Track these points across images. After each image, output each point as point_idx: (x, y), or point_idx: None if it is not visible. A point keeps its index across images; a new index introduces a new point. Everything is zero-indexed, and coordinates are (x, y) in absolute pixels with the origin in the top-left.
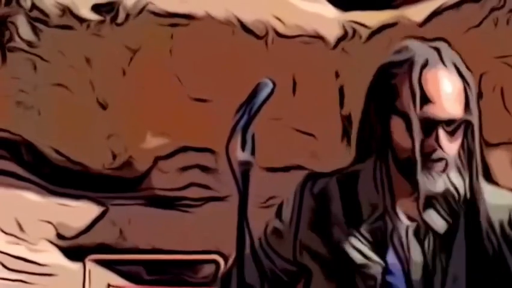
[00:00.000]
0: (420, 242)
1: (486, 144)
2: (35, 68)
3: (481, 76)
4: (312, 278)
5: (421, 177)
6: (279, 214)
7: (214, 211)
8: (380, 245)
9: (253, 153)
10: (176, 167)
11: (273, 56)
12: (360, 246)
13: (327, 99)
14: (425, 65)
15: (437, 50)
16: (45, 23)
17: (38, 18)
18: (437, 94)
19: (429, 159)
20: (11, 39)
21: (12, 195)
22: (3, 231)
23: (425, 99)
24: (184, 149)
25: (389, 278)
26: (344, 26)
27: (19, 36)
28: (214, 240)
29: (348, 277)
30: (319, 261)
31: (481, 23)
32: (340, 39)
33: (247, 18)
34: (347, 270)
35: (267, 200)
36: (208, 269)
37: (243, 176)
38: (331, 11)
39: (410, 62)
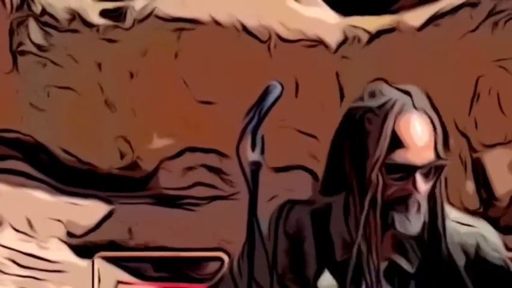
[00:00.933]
0: (392, 282)
1: (483, 145)
2: (45, 71)
3: (477, 79)
4: None
5: (398, 218)
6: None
7: (219, 210)
8: (353, 283)
9: (262, 153)
10: (182, 167)
11: (276, 59)
12: (331, 285)
13: (328, 102)
14: (400, 112)
15: (409, 94)
16: (56, 28)
17: (49, 23)
18: (412, 140)
19: (405, 202)
20: (22, 43)
21: (23, 194)
22: (14, 229)
23: (401, 145)
24: (190, 150)
25: None
26: (344, 31)
27: (30, 40)
28: (219, 238)
29: None
30: None
31: (477, 27)
32: (341, 44)
33: (251, 23)
34: None
35: (271, 199)
36: (213, 266)
37: (252, 175)
38: (332, 16)
39: (386, 109)
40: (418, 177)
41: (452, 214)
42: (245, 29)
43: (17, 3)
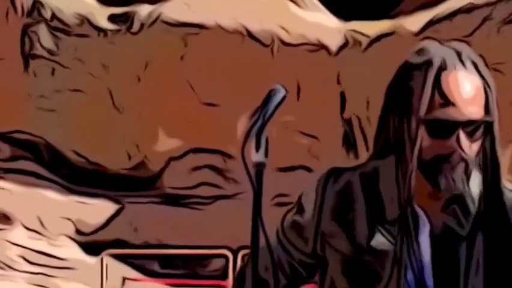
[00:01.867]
0: (440, 243)
1: None
2: (55, 74)
3: None
4: (328, 270)
5: (443, 178)
6: (299, 208)
7: (224, 208)
8: (402, 243)
9: (266, 155)
10: (187, 167)
11: (279, 63)
12: (383, 244)
13: (329, 104)
14: (443, 67)
15: (456, 51)
16: (65, 32)
17: (58, 28)
18: (456, 96)
19: (450, 161)
20: (32, 47)
21: (34, 194)
22: (25, 227)
23: (445, 102)
24: (195, 151)
25: (408, 276)
26: (345, 35)
27: (40, 45)
28: (223, 235)
29: (365, 275)
30: (340, 256)
31: (473, 32)
32: (341, 48)
33: (255, 27)
34: (366, 268)
35: (274, 198)
36: (218, 263)
37: (256, 175)
38: (333, 21)
39: (427, 65)
40: (462, 134)
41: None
42: (249, 33)
43: (27, 8)
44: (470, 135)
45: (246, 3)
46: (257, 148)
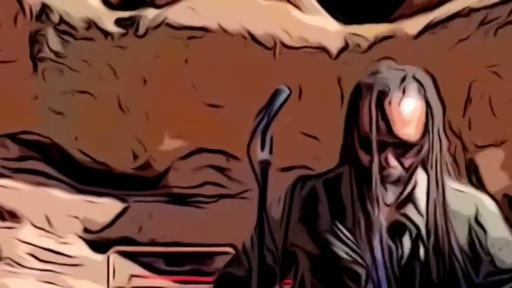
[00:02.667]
0: (398, 239)
1: (475, 146)
2: (62, 76)
3: (470, 84)
4: (299, 268)
5: (378, 189)
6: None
7: (227, 207)
8: (363, 242)
9: (271, 152)
10: (192, 167)
11: (281, 65)
12: (345, 245)
13: (330, 105)
14: (383, 91)
15: (403, 76)
16: (73, 36)
17: (66, 31)
18: (391, 118)
19: (382, 174)
20: (41, 50)
21: (42, 193)
22: (34, 226)
23: (381, 122)
24: (199, 151)
25: (373, 273)
26: (345, 38)
27: (48, 48)
28: (227, 233)
29: (334, 274)
30: (307, 255)
31: (470, 35)
32: (341, 50)
33: (257, 31)
34: (334, 267)
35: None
36: (222, 260)
37: (262, 173)
38: (333, 25)
39: (372, 87)
40: (389, 154)
41: (451, 184)
42: (251, 36)
43: (36, 12)
44: (403, 153)
45: (248, 7)
46: (262, 146)
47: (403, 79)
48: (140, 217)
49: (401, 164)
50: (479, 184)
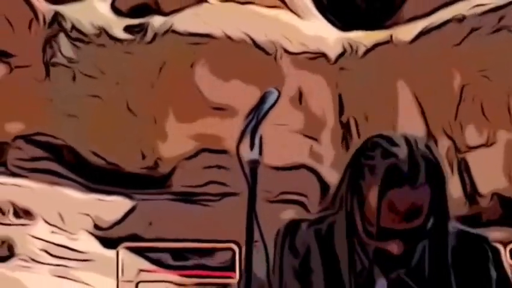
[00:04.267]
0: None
1: (467, 147)
2: (74, 81)
3: (462, 87)
4: None
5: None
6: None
7: (231, 205)
8: None
9: (260, 153)
10: (197, 167)
11: (282, 69)
12: None
13: (329, 107)
14: (392, 186)
15: (411, 156)
16: (84, 42)
17: (78, 38)
18: (396, 210)
19: (382, 257)
20: (53, 55)
21: (55, 192)
22: (47, 223)
23: (387, 212)
24: (204, 151)
25: None
26: (343, 44)
27: (61, 53)
28: (230, 230)
29: None
30: None
31: (462, 40)
32: (340, 56)
33: (259, 37)
34: None
35: (278, 195)
36: (225, 256)
37: (251, 172)
38: (332, 32)
39: (380, 178)
40: (396, 242)
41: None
42: (254, 42)
43: (49, 20)
44: (407, 240)
45: (251, 15)
46: (252, 146)
47: (412, 161)
48: (148, 214)
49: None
50: (471, 183)
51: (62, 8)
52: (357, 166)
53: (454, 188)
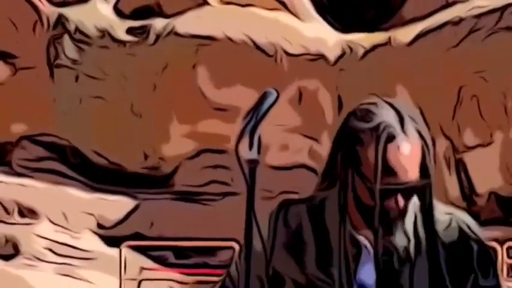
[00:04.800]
0: (383, 267)
1: (465, 147)
2: (78, 82)
3: (460, 88)
4: None
5: (380, 229)
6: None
7: (231, 204)
8: (349, 267)
9: (259, 152)
10: (198, 167)
11: (282, 71)
12: (330, 272)
13: (328, 108)
14: (389, 140)
15: (399, 114)
16: (87, 44)
17: (81, 40)
18: (398, 166)
19: (387, 216)
20: (57, 57)
21: (59, 191)
22: (51, 222)
23: (387, 171)
24: (206, 151)
25: None
26: (342, 46)
27: (65, 55)
28: (231, 229)
29: None
30: (293, 284)
31: (460, 42)
32: (339, 57)
33: (260, 39)
34: None
35: (278, 194)
36: (226, 254)
37: (250, 172)
38: (331, 34)
39: (375, 135)
40: (399, 197)
41: (437, 207)
42: (255, 44)
43: (53, 22)
44: (408, 194)
45: (252, 17)
46: (250, 146)
47: (402, 121)
48: (150, 214)
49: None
50: (468, 183)
51: (65, 11)
52: (348, 133)
53: (452, 187)
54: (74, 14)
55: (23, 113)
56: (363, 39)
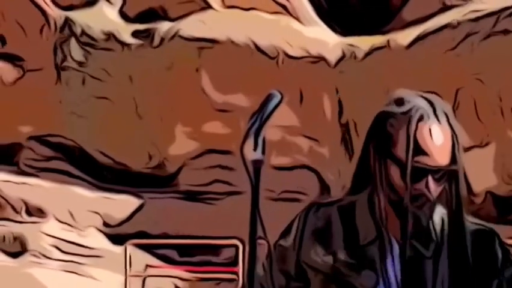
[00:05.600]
0: (409, 264)
1: (462, 147)
2: (84, 83)
3: (457, 90)
4: None
5: (410, 215)
6: (284, 235)
7: (234, 203)
8: (374, 263)
9: (263, 153)
10: (202, 167)
11: (283, 73)
12: (355, 265)
13: (329, 110)
14: (420, 120)
15: (431, 104)
16: (93, 46)
17: (87, 43)
18: (429, 147)
19: (417, 201)
20: (64, 59)
21: (65, 190)
22: (58, 220)
23: (419, 151)
24: (209, 152)
25: None
26: (342, 49)
27: (71, 57)
28: (234, 227)
29: None
30: (319, 275)
31: (457, 45)
32: (339, 60)
33: (262, 42)
34: (344, 285)
35: (280, 194)
36: (229, 252)
37: (255, 172)
38: (332, 37)
39: (408, 116)
40: (430, 180)
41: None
42: (257, 47)
43: (60, 25)
44: (438, 180)
45: (254, 20)
46: (255, 147)
47: (434, 108)
48: (155, 212)
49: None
50: (466, 182)
51: (72, 14)
52: (381, 119)
53: None
54: (80, 17)
55: (30, 114)
56: (362, 42)
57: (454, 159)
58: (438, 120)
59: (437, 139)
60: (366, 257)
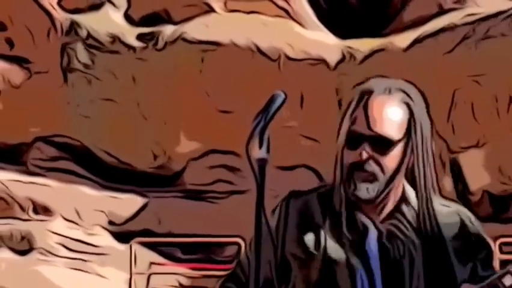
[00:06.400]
0: (386, 248)
1: (459, 147)
2: (90, 85)
3: (454, 91)
4: (291, 277)
5: (347, 185)
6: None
7: (237, 202)
8: (357, 245)
9: (268, 151)
10: (205, 166)
11: (284, 75)
12: (336, 251)
13: (329, 111)
14: (366, 92)
15: (390, 84)
16: (99, 49)
17: (93, 45)
18: (369, 116)
19: (356, 170)
20: (70, 62)
21: (72, 189)
22: (64, 219)
23: (356, 118)
24: (212, 152)
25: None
26: (342, 51)
27: (77, 60)
28: (236, 225)
29: (326, 277)
30: (299, 262)
31: (454, 48)
32: (339, 62)
33: (264, 45)
34: (326, 269)
35: (280, 193)
36: (232, 250)
37: (260, 170)
38: (332, 39)
39: (358, 91)
40: (366, 147)
41: (437, 199)
42: (258, 50)
43: (66, 28)
44: (381, 151)
45: (256, 24)
46: (260, 146)
47: (389, 86)
48: (159, 211)
49: (376, 161)
50: (462, 182)
51: (78, 18)
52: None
53: (447, 186)
54: (86, 20)
55: (37, 115)
56: (362, 45)
57: (404, 135)
58: (386, 94)
59: (377, 109)
60: (348, 241)
